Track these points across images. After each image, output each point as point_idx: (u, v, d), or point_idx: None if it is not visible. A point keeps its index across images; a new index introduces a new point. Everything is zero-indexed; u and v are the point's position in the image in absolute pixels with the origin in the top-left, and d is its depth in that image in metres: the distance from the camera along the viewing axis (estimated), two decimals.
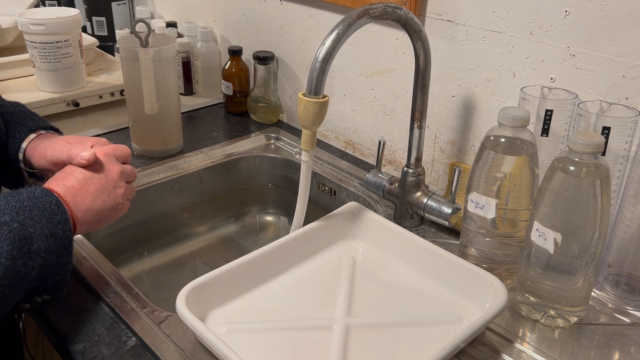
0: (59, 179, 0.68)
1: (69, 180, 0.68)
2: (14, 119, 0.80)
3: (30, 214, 0.60)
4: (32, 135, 0.78)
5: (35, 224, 0.60)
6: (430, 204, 0.86)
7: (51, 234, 0.61)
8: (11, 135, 0.78)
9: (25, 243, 0.58)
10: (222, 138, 1.19)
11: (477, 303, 0.72)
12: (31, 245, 0.59)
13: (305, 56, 1.17)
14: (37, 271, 0.60)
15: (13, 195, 0.62)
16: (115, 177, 0.71)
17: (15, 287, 0.58)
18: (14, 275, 0.57)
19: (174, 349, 0.67)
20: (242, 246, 1.12)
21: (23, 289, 0.59)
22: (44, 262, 0.60)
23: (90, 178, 0.69)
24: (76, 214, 0.66)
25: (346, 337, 0.68)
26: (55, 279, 0.63)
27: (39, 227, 0.60)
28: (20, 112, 0.81)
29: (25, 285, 0.59)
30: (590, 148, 0.63)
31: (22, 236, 0.58)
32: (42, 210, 0.61)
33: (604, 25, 0.73)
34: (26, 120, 0.80)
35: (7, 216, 0.58)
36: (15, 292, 0.58)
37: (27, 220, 0.60)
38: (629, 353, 0.68)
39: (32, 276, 0.59)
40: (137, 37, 1.00)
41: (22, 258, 0.58)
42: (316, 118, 0.72)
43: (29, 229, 0.59)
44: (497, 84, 0.87)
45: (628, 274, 0.74)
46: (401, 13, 0.76)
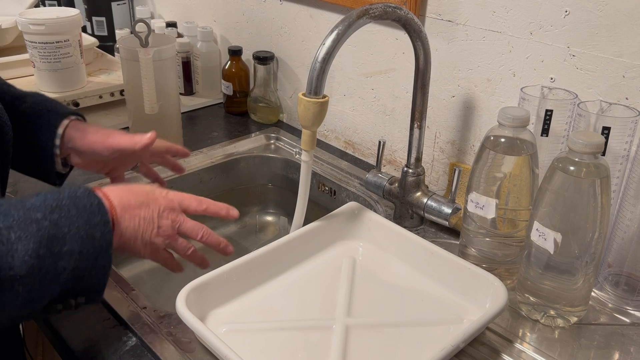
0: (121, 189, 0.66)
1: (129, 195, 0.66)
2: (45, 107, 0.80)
3: (68, 213, 0.58)
4: (66, 121, 0.80)
5: (71, 223, 0.58)
6: (430, 204, 0.86)
7: (87, 235, 0.59)
8: (45, 123, 0.78)
9: (57, 242, 0.56)
10: (222, 138, 1.19)
11: (477, 303, 0.72)
12: (63, 246, 0.57)
13: (305, 56, 1.17)
14: (69, 272, 0.58)
15: (53, 193, 0.60)
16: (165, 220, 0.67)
17: (43, 286, 0.56)
18: (41, 274, 0.55)
19: (174, 349, 0.67)
20: (242, 246, 1.12)
21: (53, 290, 0.57)
22: (77, 264, 0.58)
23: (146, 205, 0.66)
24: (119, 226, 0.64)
25: (346, 337, 0.68)
26: (91, 282, 0.60)
27: (74, 228, 0.58)
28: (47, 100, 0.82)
29: (55, 286, 0.57)
30: (590, 148, 0.63)
31: (53, 235, 0.56)
32: (80, 210, 0.59)
33: (604, 25, 0.73)
34: (56, 107, 0.81)
35: (40, 214, 0.57)
36: (44, 292, 0.57)
37: (62, 220, 0.58)
38: (629, 353, 0.68)
39: (64, 277, 0.57)
40: (137, 37, 1.00)
41: (51, 258, 0.56)
42: (316, 118, 0.72)
43: (63, 229, 0.57)
44: (497, 84, 0.87)
45: (628, 274, 0.74)
46: (401, 13, 0.76)
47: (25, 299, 0.55)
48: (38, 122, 0.79)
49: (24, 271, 0.54)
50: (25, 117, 0.79)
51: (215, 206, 0.71)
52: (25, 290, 0.54)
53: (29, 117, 0.79)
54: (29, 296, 0.55)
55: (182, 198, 0.70)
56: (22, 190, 0.95)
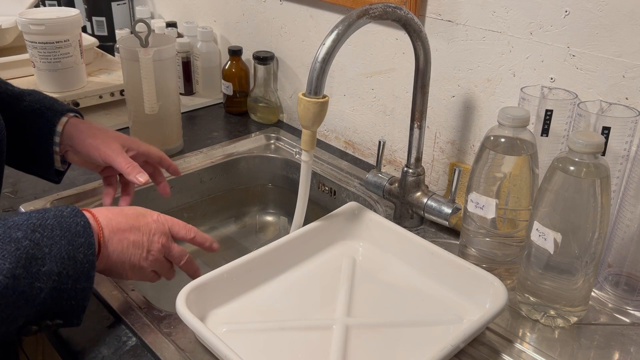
0: (111, 211, 0.66)
1: (119, 217, 0.66)
2: (44, 105, 0.80)
3: (51, 233, 0.57)
4: (64, 118, 0.80)
5: (53, 244, 0.57)
6: (430, 204, 0.86)
7: (69, 256, 0.58)
8: (44, 121, 0.78)
9: (35, 263, 0.55)
10: (222, 138, 1.19)
11: (477, 303, 0.72)
12: (42, 266, 0.56)
13: (305, 56, 1.17)
14: (46, 294, 0.57)
15: (39, 211, 0.59)
16: (155, 245, 0.68)
17: (17, 307, 0.55)
18: (15, 295, 0.54)
19: (174, 349, 0.67)
20: (242, 246, 1.12)
21: (28, 311, 0.56)
22: (56, 285, 0.57)
23: (136, 229, 0.67)
24: (106, 249, 0.64)
25: (346, 337, 0.68)
26: (70, 304, 0.60)
27: (55, 248, 0.57)
28: (45, 98, 0.82)
29: (31, 306, 0.56)
30: (590, 148, 0.63)
31: (32, 255, 0.55)
32: (64, 231, 0.58)
33: (604, 25, 0.73)
34: (54, 105, 0.80)
35: (21, 233, 0.56)
36: (19, 312, 0.55)
37: (44, 240, 0.57)
38: (629, 353, 0.68)
39: (40, 298, 0.56)
40: (137, 37, 1.00)
41: (27, 278, 0.55)
42: (316, 118, 0.72)
43: (44, 249, 0.56)
44: (497, 84, 0.87)
45: (628, 274, 0.74)
46: (401, 13, 0.76)
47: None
48: (37, 120, 0.79)
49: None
50: (23, 116, 0.79)
51: (202, 237, 0.74)
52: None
53: (27, 116, 0.79)
54: (2, 316, 0.54)
55: (172, 223, 0.71)
56: (22, 190, 0.95)
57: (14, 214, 0.59)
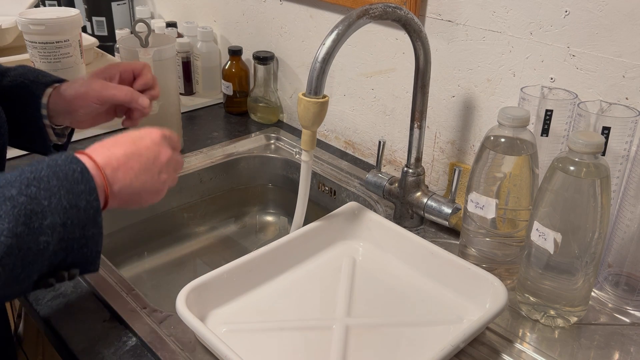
0: (106, 147, 0.63)
1: (115, 150, 0.62)
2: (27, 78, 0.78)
3: (47, 184, 0.55)
4: (49, 89, 0.77)
5: (52, 195, 0.55)
6: (430, 204, 0.86)
7: (71, 205, 0.56)
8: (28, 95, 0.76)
9: (36, 218, 0.53)
10: (222, 138, 1.19)
11: (477, 303, 0.72)
12: (43, 220, 0.54)
13: (305, 56, 1.17)
14: (55, 246, 0.55)
15: (32, 165, 0.57)
16: (164, 161, 0.65)
17: (27, 264, 0.53)
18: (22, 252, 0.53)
19: (174, 349, 0.67)
20: (242, 246, 1.12)
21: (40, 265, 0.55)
22: (62, 236, 0.55)
23: (138, 155, 0.63)
24: (112, 188, 0.60)
25: (346, 337, 0.68)
26: (82, 252, 0.58)
27: (55, 199, 0.55)
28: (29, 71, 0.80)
29: (41, 261, 0.55)
30: (590, 148, 0.63)
31: (31, 210, 0.53)
32: (62, 180, 0.56)
33: (604, 25, 0.73)
34: (38, 77, 0.78)
35: (15, 189, 0.53)
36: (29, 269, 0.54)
37: (41, 192, 0.54)
38: (629, 353, 0.68)
39: (49, 251, 0.55)
40: (137, 37, 1.00)
41: (30, 234, 0.53)
42: (316, 118, 0.72)
43: (42, 202, 0.54)
44: (497, 84, 0.87)
45: (628, 274, 0.74)
46: (401, 13, 0.76)
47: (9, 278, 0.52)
48: (21, 94, 0.76)
49: (2, 252, 0.51)
50: (8, 92, 0.76)
51: None
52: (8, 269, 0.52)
53: (12, 91, 0.76)
54: (13, 275, 0.53)
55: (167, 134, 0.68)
56: None
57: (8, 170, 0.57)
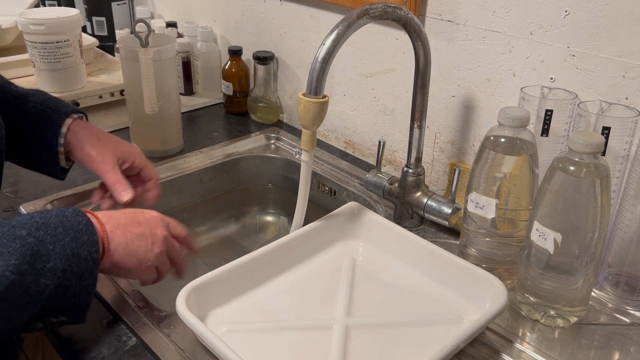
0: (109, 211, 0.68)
1: (118, 215, 0.67)
2: (48, 106, 0.81)
3: (54, 231, 0.58)
4: (69, 120, 0.81)
5: (57, 241, 0.58)
6: (430, 204, 0.86)
7: (73, 253, 0.59)
8: (49, 123, 0.80)
9: (40, 260, 0.56)
10: (222, 138, 1.19)
11: (477, 303, 0.72)
12: (46, 263, 0.57)
13: (305, 56, 1.17)
14: (52, 290, 0.57)
15: (41, 212, 0.61)
16: (159, 237, 0.69)
17: (23, 304, 0.56)
18: (21, 291, 0.55)
19: (174, 349, 0.67)
20: (242, 246, 1.12)
21: (34, 307, 0.57)
22: (61, 281, 0.58)
23: (137, 222, 0.67)
24: (110, 244, 0.64)
25: (346, 337, 0.68)
26: (74, 301, 0.60)
27: (59, 245, 0.58)
28: (50, 99, 0.83)
29: (36, 303, 0.57)
30: (590, 148, 0.63)
31: (37, 252, 0.56)
32: (67, 229, 0.59)
33: (604, 25, 0.73)
34: (59, 107, 0.82)
35: (25, 230, 0.57)
36: (24, 309, 0.56)
37: (48, 237, 0.57)
38: (629, 353, 0.68)
39: (45, 295, 0.57)
40: (137, 37, 1.00)
41: (33, 274, 0.55)
42: (316, 118, 0.72)
43: (48, 246, 0.57)
44: (497, 84, 0.87)
45: (628, 274, 0.74)
46: (401, 13, 0.76)
47: (4, 315, 0.54)
48: (42, 121, 0.80)
49: (4, 287, 0.53)
50: (28, 117, 0.80)
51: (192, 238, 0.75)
52: (5, 306, 0.54)
53: (32, 117, 0.80)
54: (8, 312, 0.55)
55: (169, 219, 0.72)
56: (22, 189, 0.95)
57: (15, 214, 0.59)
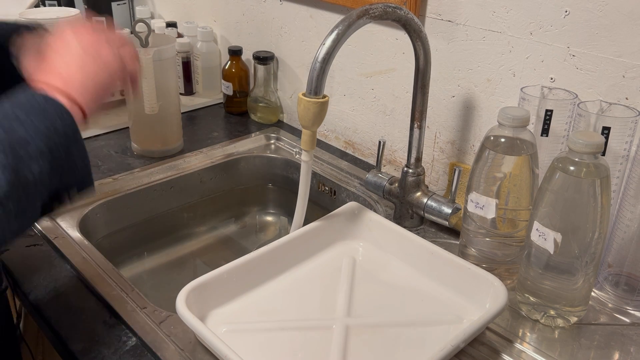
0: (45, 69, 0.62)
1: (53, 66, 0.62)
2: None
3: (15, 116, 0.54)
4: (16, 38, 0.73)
5: (24, 124, 0.54)
6: (430, 204, 0.86)
7: (47, 128, 0.55)
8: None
9: (20, 147, 0.53)
10: (222, 138, 1.19)
11: (477, 303, 0.72)
12: (28, 147, 0.54)
13: (305, 56, 1.17)
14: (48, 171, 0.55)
15: None
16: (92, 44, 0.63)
17: (29, 195, 0.54)
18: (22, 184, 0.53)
19: (174, 349, 0.67)
20: (242, 246, 1.12)
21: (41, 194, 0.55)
22: (51, 158, 0.55)
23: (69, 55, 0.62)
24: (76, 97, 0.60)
25: (346, 337, 0.68)
26: (74, 172, 0.58)
27: (31, 127, 0.54)
28: None
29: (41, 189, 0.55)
30: (590, 148, 0.63)
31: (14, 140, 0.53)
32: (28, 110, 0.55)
33: (603, 25, 0.73)
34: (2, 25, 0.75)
35: None
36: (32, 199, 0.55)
37: (15, 124, 0.54)
38: (629, 353, 0.68)
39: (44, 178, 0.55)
40: (137, 37, 1.00)
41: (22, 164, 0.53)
42: (316, 118, 0.72)
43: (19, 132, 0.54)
44: (497, 84, 0.87)
45: (628, 274, 0.74)
46: (401, 13, 0.76)
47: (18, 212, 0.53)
48: None
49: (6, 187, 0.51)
50: None
51: None
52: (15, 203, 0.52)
53: None
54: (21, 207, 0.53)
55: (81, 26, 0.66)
56: None
57: None
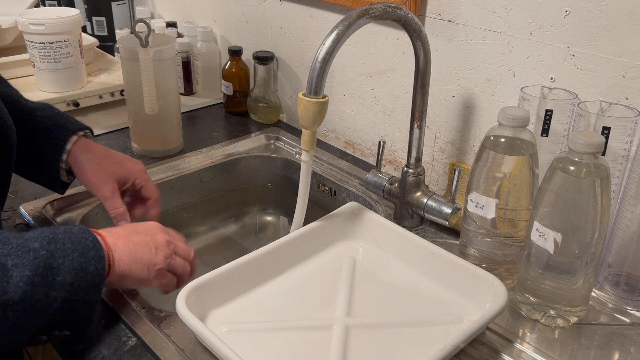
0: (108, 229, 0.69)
1: (117, 229, 0.69)
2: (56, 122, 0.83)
3: (63, 245, 0.60)
4: (74, 137, 0.83)
5: (66, 255, 0.60)
6: (430, 204, 0.86)
7: (81, 268, 0.61)
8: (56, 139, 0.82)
9: (51, 272, 0.58)
10: (222, 138, 1.19)
11: (477, 303, 0.72)
12: (57, 276, 0.58)
13: (305, 56, 1.17)
14: (59, 304, 0.59)
15: (50, 228, 0.62)
16: (161, 241, 0.70)
17: (33, 315, 0.57)
18: (32, 302, 0.56)
19: (174, 349, 0.67)
20: (242, 246, 1.12)
21: (42, 320, 0.59)
22: (68, 295, 0.60)
23: (136, 232, 0.69)
24: (114, 255, 0.65)
25: (346, 337, 0.68)
26: (78, 315, 0.62)
27: (69, 260, 0.60)
28: (58, 114, 0.85)
29: (44, 315, 0.58)
30: (590, 148, 0.63)
31: (49, 265, 0.58)
32: (75, 244, 0.61)
33: (604, 25, 0.73)
34: (66, 123, 0.84)
35: (37, 243, 0.59)
36: (33, 321, 0.58)
37: (58, 251, 0.59)
38: (629, 353, 0.68)
39: (53, 308, 0.59)
40: (137, 37, 1.00)
41: (44, 287, 0.57)
42: (316, 118, 0.72)
43: (58, 260, 0.59)
44: (497, 84, 0.87)
45: (628, 274, 0.74)
46: (401, 13, 0.76)
47: (13, 326, 0.56)
48: (48, 136, 0.82)
49: (18, 297, 0.55)
50: (36, 132, 0.82)
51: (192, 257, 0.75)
52: (15, 316, 0.56)
53: (39, 132, 0.82)
54: (18, 323, 0.56)
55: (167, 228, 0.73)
56: (21, 189, 0.95)
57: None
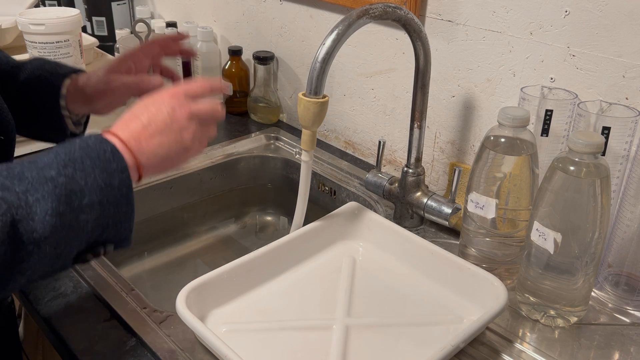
0: (125, 122, 0.64)
1: (133, 123, 0.63)
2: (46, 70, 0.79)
3: (82, 165, 0.57)
4: (67, 80, 0.79)
5: (87, 175, 0.57)
6: (430, 204, 0.86)
7: (105, 184, 0.57)
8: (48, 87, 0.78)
9: (75, 196, 0.55)
10: (222, 138, 1.19)
11: (477, 303, 0.72)
12: (82, 199, 0.56)
13: (305, 56, 1.17)
14: (92, 223, 0.57)
15: (64, 147, 0.58)
16: (181, 119, 0.64)
17: (69, 242, 0.55)
18: (65, 231, 0.54)
19: (174, 349, 0.67)
20: (242, 246, 1.12)
21: (79, 243, 0.57)
22: (100, 213, 0.57)
23: (154, 121, 0.63)
24: (140, 159, 0.62)
25: (346, 337, 0.68)
26: (117, 229, 0.60)
27: (91, 179, 0.57)
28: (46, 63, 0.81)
29: (80, 239, 0.57)
30: (590, 148, 0.63)
31: (71, 190, 0.55)
32: (94, 160, 0.58)
33: (604, 25, 0.73)
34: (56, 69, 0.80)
35: (54, 171, 0.55)
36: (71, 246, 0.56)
37: (78, 173, 0.56)
38: (629, 353, 0.68)
39: (87, 229, 0.57)
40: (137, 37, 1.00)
41: (72, 213, 0.55)
42: (316, 118, 0.72)
43: (80, 182, 0.56)
44: (497, 84, 0.87)
45: (628, 274, 0.74)
46: (401, 13, 0.76)
47: (53, 256, 0.54)
48: (40, 86, 0.78)
49: (48, 231, 0.53)
50: (27, 85, 0.78)
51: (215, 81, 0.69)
52: (52, 248, 0.54)
53: (30, 84, 0.78)
54: (57, 252, 0.55)
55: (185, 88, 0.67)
56: None
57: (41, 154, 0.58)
